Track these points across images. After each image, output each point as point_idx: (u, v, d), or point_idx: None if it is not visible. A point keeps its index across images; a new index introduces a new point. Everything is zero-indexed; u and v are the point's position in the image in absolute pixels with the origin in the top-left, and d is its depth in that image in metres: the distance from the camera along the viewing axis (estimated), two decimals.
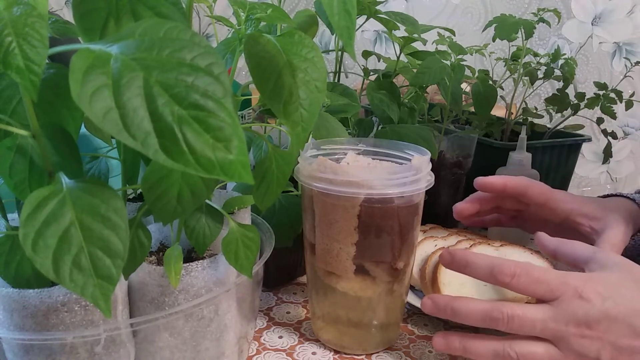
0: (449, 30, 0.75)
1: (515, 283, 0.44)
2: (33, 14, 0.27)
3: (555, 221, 0.63)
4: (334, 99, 0.61)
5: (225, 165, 0.25)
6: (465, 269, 0.47)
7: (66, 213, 0.28)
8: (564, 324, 0.42)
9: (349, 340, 0.53)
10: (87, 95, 0.24)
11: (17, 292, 0.35)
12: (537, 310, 0.43)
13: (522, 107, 0.90)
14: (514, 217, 0.68)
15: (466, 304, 0.45)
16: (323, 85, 0.38)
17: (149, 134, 0.24)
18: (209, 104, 0.25)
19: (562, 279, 0.43)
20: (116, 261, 0.28)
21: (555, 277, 0.43)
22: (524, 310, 0.43)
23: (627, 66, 0.89)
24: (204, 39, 0.27)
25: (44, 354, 0.36)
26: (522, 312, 0.43)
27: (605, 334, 0.41)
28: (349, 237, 0.49)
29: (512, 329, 0.43)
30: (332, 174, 0.47)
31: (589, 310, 0.41)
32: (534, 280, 0.43)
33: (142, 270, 0.40)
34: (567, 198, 0.62)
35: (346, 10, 0.31)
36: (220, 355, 0.45)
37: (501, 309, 0.43)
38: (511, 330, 0.43)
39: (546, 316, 0.42)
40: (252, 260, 0.43)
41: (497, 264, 0.45)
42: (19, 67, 0.26)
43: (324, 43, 1.65)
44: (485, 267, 0.45)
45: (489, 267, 0.45)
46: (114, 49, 0.26)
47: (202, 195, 0.37)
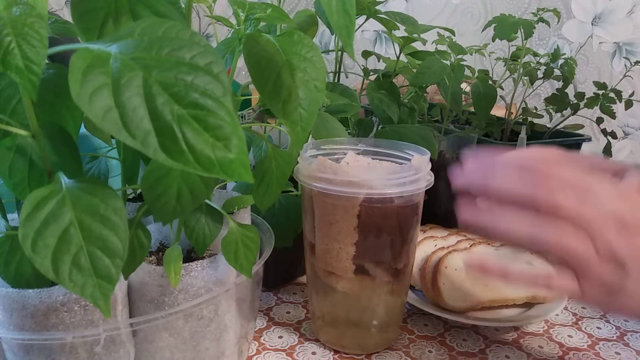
0: (449, 30, 0.75)
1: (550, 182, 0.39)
2: (32, 14, 0.27)
3: None
4: (334, 99, 0.61)
5: (225, 164, 0.25)
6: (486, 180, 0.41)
7: (65, 213, 0.28)
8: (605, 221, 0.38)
9: (349, 340, 0.53)
10: (86, 95, 0.24)
11: (16, 292, 0.35)
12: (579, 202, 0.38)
13: (522, 107, 0.90)
14: None
15: None
16: (322, 85, 0.38)
17: (148, 133, 0.24)
18: (209, 103, 0.25)
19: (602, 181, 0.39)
20: (115, 261, 0.28)
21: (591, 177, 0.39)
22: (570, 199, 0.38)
23: (627, 66, 0.89)
24: (203, 38, 0.27)
25: (43, 353, 0.36)
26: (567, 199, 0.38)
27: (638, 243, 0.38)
28: (348, 237, 0.49)
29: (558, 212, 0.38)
30: (332, 173, 0.47)
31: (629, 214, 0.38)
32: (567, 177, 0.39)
33: (142, 270, 0.40)
34: None
35: (345, 10, 0.31)
36: (220, 355, 0.45)
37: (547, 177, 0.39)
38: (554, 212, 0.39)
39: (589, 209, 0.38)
40: (252, 260, 0.43)
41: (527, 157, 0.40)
42: (18, 67, 0.26)
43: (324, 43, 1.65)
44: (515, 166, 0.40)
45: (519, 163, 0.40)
46: (113, 48, 0.26)
47: (201, 195, 0.37)
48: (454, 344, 0.55)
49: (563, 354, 0.54)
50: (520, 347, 0.55)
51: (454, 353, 0.54)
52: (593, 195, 0.39)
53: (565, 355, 0.53)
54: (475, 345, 0.55)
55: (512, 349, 0.55)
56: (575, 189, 0.39)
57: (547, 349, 0.55)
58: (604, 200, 0.39)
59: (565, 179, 0.39)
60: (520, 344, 0.56)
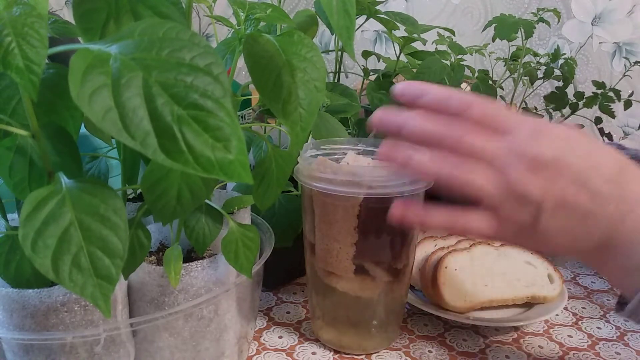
0: (449, 30, 0.75)
1: (469, 110, 0.39)
2: (33, 14, 0.27)
3: None
4: (334, 99, 0.61)
5: (224, 165, 0.25)
6: (420, 98, 0.41)
7: (66, 213, 0.28)
8: (514, 156, 0.38)
9: (349, 340, 0.53)
10: (86, 95, 0.24)
11: (16, 292, 0.35)
12: (490, 137, 0.39)
13: (522, 106, 0.90)
14: None
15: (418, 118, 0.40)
16: (322, 85, 0.38)
17: (148, 133, 0.24)
18: (208, 104, 0.25)
19: (520, 117, 0.39)
20: (116, 261, 0.29)
21: (512, 114, 0.40)
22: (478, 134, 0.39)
23: (627, 66, 0.89)
24: (203, 39, 0.27)
25: (43, 353, 0.36)
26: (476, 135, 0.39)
27: (553, 181, 0.37)
28: (348, 237, 0.49)
29: (463, 145, 0.39)
30: (332, 173, 0.47)
31: (541, 151, 0.38)
32: (490, 112, 0.39)
33: (142, 270, 0.40)
34: None
35: (345, 10, 0.31)
36: (220, 355, 0.45)
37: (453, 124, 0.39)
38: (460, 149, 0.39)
39: (499, 143, 0.38)
40: (252, 260, 0.43)
41: (455, 93, 0.40)
42: (18, 67, 0.26)
43: (324, 43, 1.65)
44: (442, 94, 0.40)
45: (446, 95, 0.40)
46: (114, 48, 0.26)
47: (201, 195, 0.37)
48: (454, 344, 0.55)
49: (563, 354, 0.54)
50: (520, 347, 0.55)
51: (454, 353, 0.54)
52: (505, 129, 0.39)
53: (565, 355, 0.53)
54: (475, 345, 0.55)
55: (512, 349, 0.55)
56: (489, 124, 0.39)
57: (547, 349, 0.55)
58: (516, 136, 0.38)
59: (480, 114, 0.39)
60: (520, 344, 0.56)
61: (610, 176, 0.38)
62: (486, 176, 0.38)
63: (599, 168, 0.38)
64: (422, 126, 0.40)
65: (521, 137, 0.38)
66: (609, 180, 0.37)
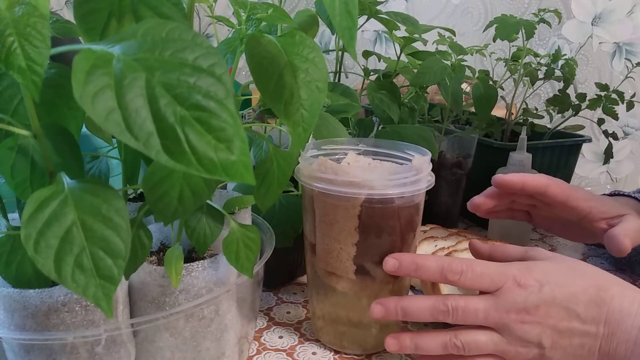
0: (450, 31, 0.75)
1: (462, 280, 0.45)
2: (35, 14, 0.27)
3: (571, 219, 0.63)
4: (335, 99, 0.61)
5: (227, 166, 0.25)
6: (415, 273, 0.47)
7: (68, 213, 0.28)
8: (505, 312, 0.43)
9: (349, 340, 0.53)
10: (89, 96, 0.24)
11: (18, 292, 0.35)
12: (479, 301, 0.44)
13: (523, 107, 0.90)
14: (527, 212, 0.68)
15: (413, 303, 0.46)
16: (324, 86, 0.37)
17: (151, 134, 0.24)
18: (211, 105, 0.25)
19: (502, 270, 0.45)
20: (118, 261, 0.28)
21: (495, 269, 0.45)
22: (467, 301, 0.44)
23: (628, 67, 0.89)
24: (206, 40, 0.27)
25: (44, 354, 0.36)
26: (464, 303, 0.44)
27: (545, 318, 0.43)
28: (349, 238, 0.49)
29: (458, 320, 0.44)
30: (332, 174, 0.47)
31: (527, 296, 0.43)
32: (478, 275, 0.45)
33: (143, 270, 0.40)
34: (587, 196, 0.62)
35: (348, 11, 0.31)
36: (220, 355, 0.45)
37: (445, 302, 0.44)
38: (457, 321, 0.44)
39: (488, 305, 0.44)
40: (253, 260, 0.43)
41: (447, 263, 0.45)
42: (20, 67, 0.26)
43: (324, 43, 1.65)
44: (436, 269, 0.46)
45: (439, 268, 0.46)
46: (116, 49, 0.25)
47: (203, 196, 0.37)
48: None
49: None
50: None
51: None
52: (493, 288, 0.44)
53: None
54: None
55: None
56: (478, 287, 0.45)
57: None
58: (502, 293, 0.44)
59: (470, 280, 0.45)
60: None
61: (589, 299, 0.43)
62: (486, 335, 0.44)
63: (577, 295, 0.43)
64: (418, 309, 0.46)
65: (507, 292, 0.43)
66: (589, 303, 0.43)
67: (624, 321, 0.42)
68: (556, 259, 0.47)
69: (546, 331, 0.43)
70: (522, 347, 0.43)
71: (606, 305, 0.42)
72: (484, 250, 0.54)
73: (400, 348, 0.47)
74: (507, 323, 0.43)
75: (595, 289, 0.43)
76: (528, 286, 0.43)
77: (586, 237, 0.65)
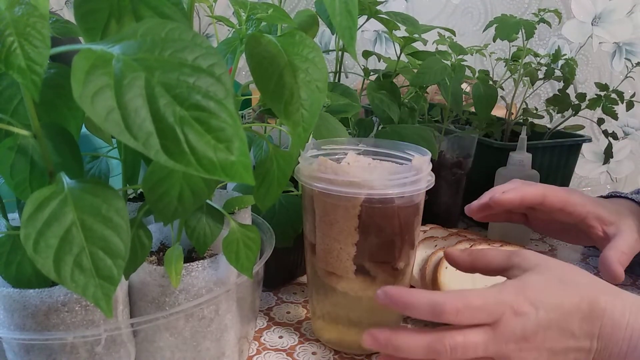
0: (450, 31, 0.75)
1: (460, 319, 0.42)
2: (34, 14, 0.27)
3: (569, 222, 0.63)
4: (335, 99, 0.61)
5: (226, 166, 0.25)
6: (405, 311, 0.44)
7: (67, 213, 0.28)
8: (504, 343, 0.42)
9: (349, 340, 0.53)
10: (89, 96, 0.24)
11: (17, 292, 0.35)
12: (477, 335, 0.42)
13: (523, 107, 0.90)
14: (524, 215, 0.68)
15: (407, 339, 0.43)
16: (324, 86, 0.37)
17: (150, 134, 0.24)
18: (211, 105, 0.25)
19: (499, 299, 0.43)
20: (117, 261, 0.29)
21: (492, 300, 0.43)
22: (465, 337, 0.42)
23: (628, 67, 0.89)
24: (205, 40, 0.27)
25: (44, 353, 0.36)
26: (463, 339, 0.42)
27: (542, 342, 0.43)
28: (349, 237, 0.49)
29: (457, 357, 0.42)
30: (332, 174, 0.47)
31: (525, 324, 0.42)
32: (476, 310, 0.43)
33: (143, 270, 0.40)
34: (584, 201, 0.62)
35: (348, 11, 0.31)
36: (220, 355, 0.45)
37: (442, 341, 0.42)
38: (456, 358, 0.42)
39: (487, 338, 0.42)
40: (253, 260, 0.43)
41: (439, 302, 0.42)
42: (20, 67, 0.26)
43: (324, 43, 1.65)
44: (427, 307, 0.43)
45: (430, 307, 0.43)
46: (116, 49, 0.25)
47: (203, 196, 0.37)
48: None
49: None
50: None
51: None
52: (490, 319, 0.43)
53: None
54: None
55: None
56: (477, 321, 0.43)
57: None
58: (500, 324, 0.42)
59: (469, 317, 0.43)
60: None
61: (582, 316, 0.43)
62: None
63: (571, 313, 0.43)
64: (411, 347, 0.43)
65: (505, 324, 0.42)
66: (583, 319, 0.43)
67: (615, 334, 0.42)
68: (545, 268, 0.46)
69: (543, 354, 0.43)
70: None
71: (599, 319, 0.43)
72: (463, 261, 0.52)
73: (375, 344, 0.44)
74: (506, 353, 0.43)
75: (588, 303, 0.43)
76: (525, 313, 0.42)
77: (583, 240, 0.66)
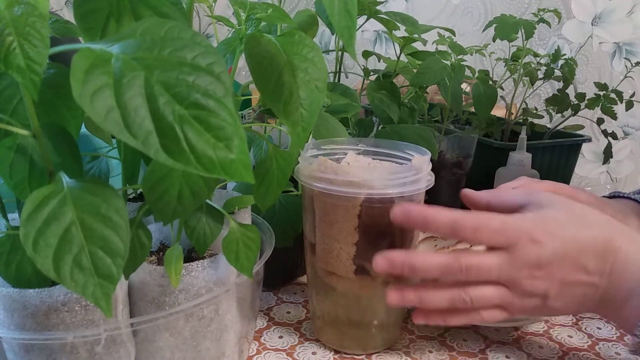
0: (449, 31, 0.75)
1: (478, 237, 0.44)
2: (34, 13, 0.27)
3: None
4: (334, 99, 0.61)
5: (226, 164, 0.25)
6: (424, 227, 0.45)
7: (67, 213, 0.28)
8: (518, 269, 0.43)
9: (349, 340, 0.53)
10: (88, 95, 0.24)
11: (17, 291, 0.35)
12: (492, 258, 0.44)
13: (522, 107, 0.90)
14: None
15: (423, 259, 0.44)
16: (323, 85, 0.38)
17: (150, 133, 0.24)
18: (210, 103, 0.25)
19: (517, 225, 0.44)
20: (117, 261, 0.29)
21: (511, 225, 0.44)
22: (480, 259, 0.43)
23: (627, 67, 0.89)
24: (204, 39, 0.27)
25: (44, 353, 0.36)
26: (478, 261, 0.43)
27: (556, 272, 0.43)
28: (349, 237, 0.49)
29: (471, 277, 0.43)
30: (332, 174, 0.47)
31: (541, 253, 0.43)
32: (494, 232, 0.43)
33: (143, 270, 0.40)
34: (590, 199, 0.61)
35: (347, 11, 0.31)
36: (220, 355, 0.45)
37: (459, 260, 0.43)
38: (470, 278, 0.44)
39: (502, 262, 0.43)
40: (253, 260, 0.43)
41: (460, 218, 0.44)
42: (19, 66, 0.26)
43: (324, 43, 1.65)
44: (447, 223, 0.44)
45: (451, 223, 0.44)
46: (115, 48, 0.26)
47: (202, 195, 0.37)
48: (454, 344, 0.55)
49: (563, 354, 0.54)
50: (520, 347, 0.55)
51: (454, 353, 0.54)
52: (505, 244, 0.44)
53: (565, 356, 0.53)
54: (476, 345, 0.55)
55: (512, 349, 0.55)
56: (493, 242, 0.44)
57: (547, 349, 0.55)
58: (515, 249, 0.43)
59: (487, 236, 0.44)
60: (520, 344, 0.56)
61: (597, 252, 0.43)
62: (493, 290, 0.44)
63: (587, 248, 0.44)
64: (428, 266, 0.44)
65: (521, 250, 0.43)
66: (597, 255, 0.43)
67: (625, 272, 0.43)
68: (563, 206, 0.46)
69: (554, 284, 0.43)
70: (527, 299, 0.44)
71: (612, 257, 0.43)
72: (481, 200, 0.52)
73: (403, 301, 0.46)
74: (518, 279, 0.43)
75: (603, 241, 0.44)
76: (541, 242, 0.43)
77: None
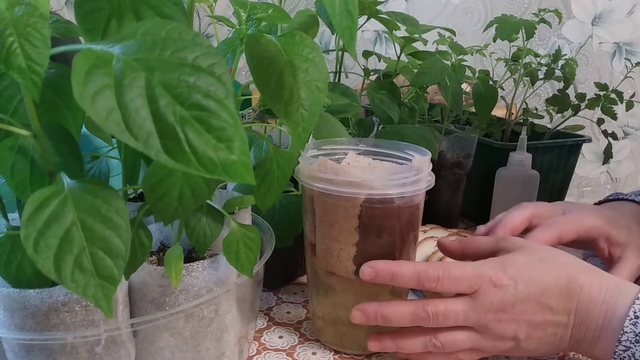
0: (450, 31, 0.75)
1: (440, 286, 0.46)
2: (35, 14, 0.27)
3: None
4: (335, 99, 0.61)
5: (227, 165, 0.25)
6: (392, 281, 0.48)
7: (68, 213, 0.28)
8: (483, 313, 0.45)
9: (349, 340, 0.53)
10: (89, 96, 0.24)
11: (17, 292, 0.35)
12: (458, 304, 0.45)
13: (523, 107, 0.90)
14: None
15: (393, 309, 0.47)
16: (324, 86, 0.38)
17: (151, 134, 0.24)
18: (211, 105, 0.25)
19: (478, 272, 0.46)
20: (117, 261, 0.29)
21: (472, 272, 0.46)
22: (447, 305, 0.45)
23: (628, 67, 0.89)
24: (205, 39, 0.27)
25: (44, 354, 0.36)
26: (444, 307, 0.45)
27: (520, 315, 0.45)
28: (349, 238, 0.49)
29: (439, 323, 0.46)
30: (332, 174, 0.47)
31: (503, 296, 0.44)
32: (455, 280, 0.46)
33: (143, 270, 0.40)
34: (596, 223, 0.61)
35: (348, 11, 0.31)
36: (220, 355, 0.45)
37: (425, 308, 0.45)
38: (438, 325, 0.46)
39: (467, 308, 0.45)
40: (253, 260, 0.43)
41: (422, 270, 0.46)
42: (20, 67, 0.26)
43: (324, 43, 1.65)
44: (412, 276, 0.47)
45: (415, 275, 0.46)
46: (116, 49, 0.25)
47: (203, 196, 0.37)
48: None
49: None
50: None
51: None
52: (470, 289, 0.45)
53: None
54: None
55: None
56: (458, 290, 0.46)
57: None
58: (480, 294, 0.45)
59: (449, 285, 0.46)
60: None
61: (560, 291, 0.45)
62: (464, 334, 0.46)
63: (550, 288, 0.45)
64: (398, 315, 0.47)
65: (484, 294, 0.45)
66: (560, 295, 0.45)
67: (591, 309, 0.44)
68: (528, 249, 0.48)
69: (522, 326, 0.45)
70: (498, 342, 0.46)
71: (576, 295, 0.45)
72: (455, 249, 0.55)
73: (383, 349, 0.49)
74: (485, 323, 0.45)
75: (566, 280, 0.45)
76: (503, 286, 0.45)
77: (588, 247, 0.66)
